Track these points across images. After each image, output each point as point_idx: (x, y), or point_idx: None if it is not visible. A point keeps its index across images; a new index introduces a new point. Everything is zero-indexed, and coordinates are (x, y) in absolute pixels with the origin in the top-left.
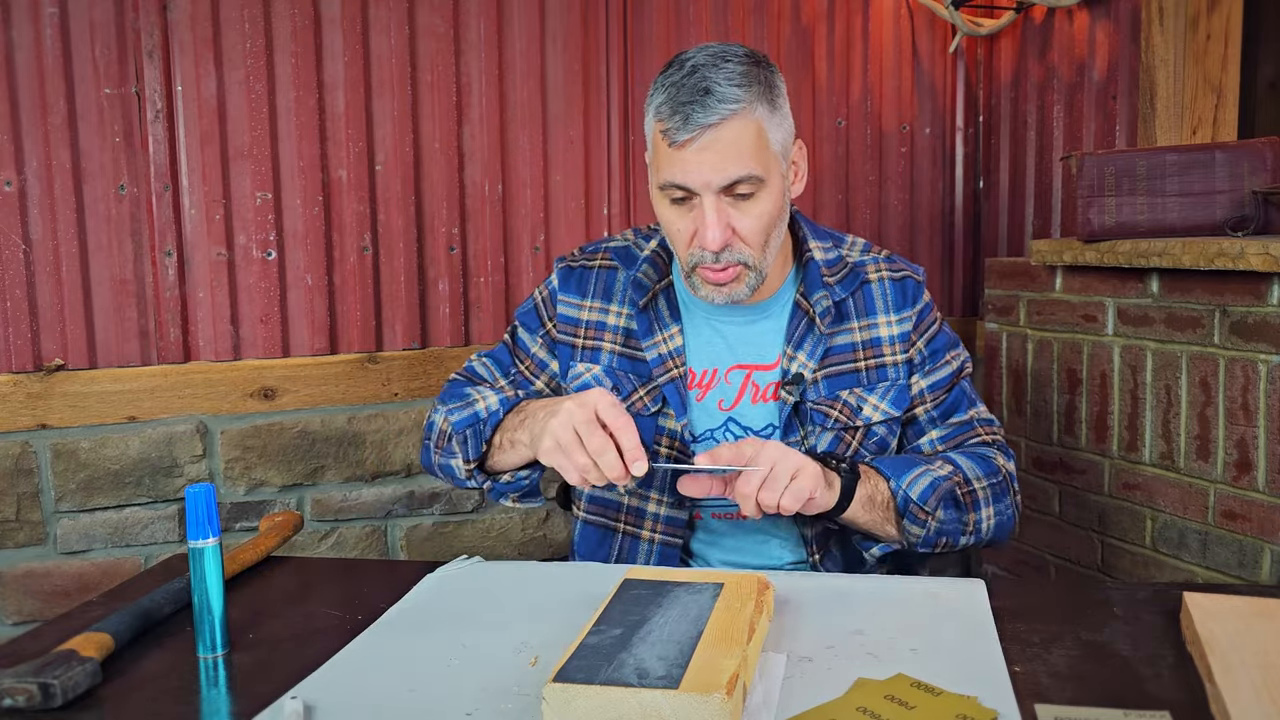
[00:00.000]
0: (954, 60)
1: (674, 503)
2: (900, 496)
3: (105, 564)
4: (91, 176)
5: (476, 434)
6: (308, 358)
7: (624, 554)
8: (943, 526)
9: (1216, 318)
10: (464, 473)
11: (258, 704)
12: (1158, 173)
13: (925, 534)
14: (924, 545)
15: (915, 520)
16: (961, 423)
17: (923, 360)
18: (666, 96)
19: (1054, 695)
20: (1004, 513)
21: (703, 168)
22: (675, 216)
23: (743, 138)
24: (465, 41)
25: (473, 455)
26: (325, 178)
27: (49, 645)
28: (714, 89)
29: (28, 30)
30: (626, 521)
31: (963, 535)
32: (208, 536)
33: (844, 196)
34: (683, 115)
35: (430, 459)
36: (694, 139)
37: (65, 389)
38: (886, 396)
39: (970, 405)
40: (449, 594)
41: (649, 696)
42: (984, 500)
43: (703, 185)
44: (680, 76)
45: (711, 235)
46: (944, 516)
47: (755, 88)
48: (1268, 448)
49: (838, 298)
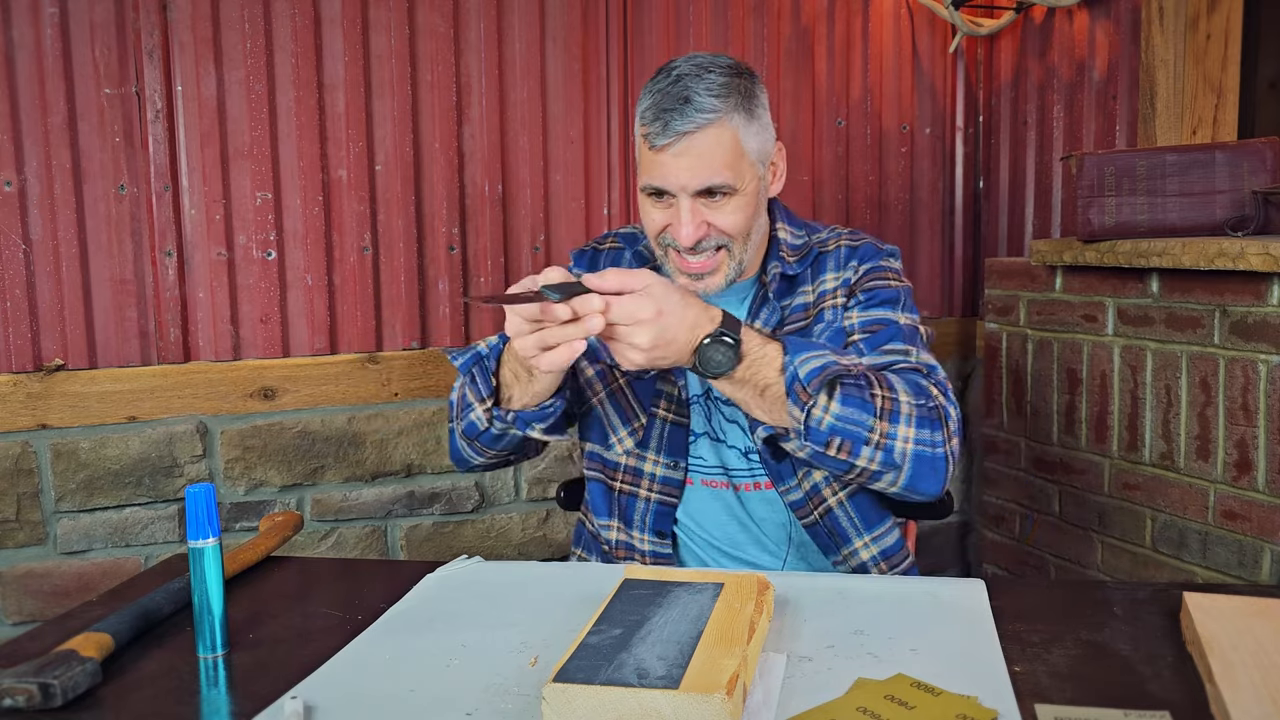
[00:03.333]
0: (954, 60)
1: (670, 464)
2: (789, 373)
3: (105, 564)
4: (91, 176)
5: (483, 370)
6: (308, 358)
7: (623, 510)
8: (839, 424)
9: (1216, 318)
10: (484, 418)
11: (258, 704)
12: (1158, 173)
13: (814, 424)
14: (814, 439)
15: (797, 401)
16: (896, 352)
17: (858, 303)
18: (651, 102)
19: (1054, 695)
20: (929, 445)
21: (679, 173)
22: (654, 211)
23: (717, 146)
24: (465, 41)
25: (485, 391)
26: (325, 178)
27: (49, 645)
28: (693, 98)
29: (28, 30)
30: (624, 480)
31: (867, 445)
32: (208, 536)
33: (844, 196)
34: (663, 121)
35: (456, 444)
36: (671, 144)
37: (65, 389)
38: (823, 337)
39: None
40: (449, 594)
41: (649, 696)
42: (905, 416)
43: (678, 188)
44: (665, 84)
45: (685, 233)
46: (841, 411)
47: (733, 98)
48: (1268, 448)
49: (791, 271)
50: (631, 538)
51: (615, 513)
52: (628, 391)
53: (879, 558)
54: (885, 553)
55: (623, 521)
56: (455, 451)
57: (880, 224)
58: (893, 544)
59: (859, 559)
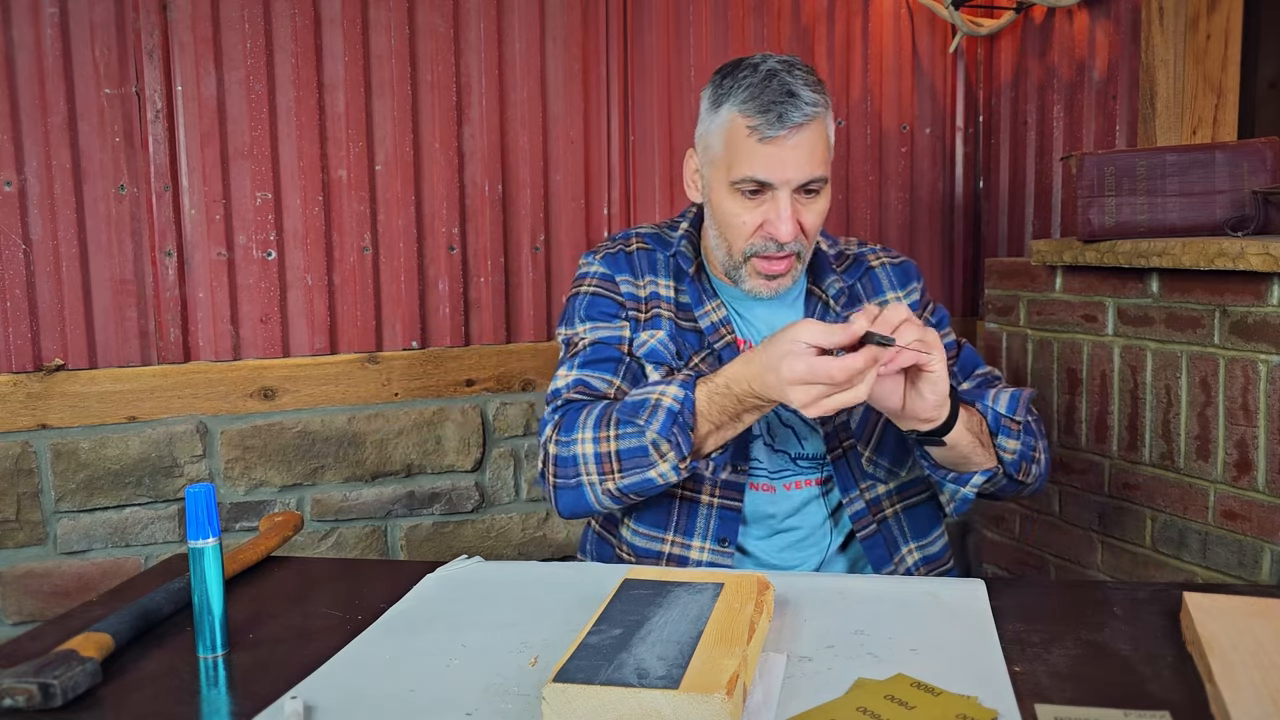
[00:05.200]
0: (954, 60)
1: (732, 468)
2: (990, 414)
3: (105, 564)
4: (91, 176)
5: (682, 426)
6: (308, 358)
7: (682, 520)
8: (1023, 448)
9: (1216, 318)
10: (675, 473)
11: (258, 704)
12: (1158, 173)
13: (1015, 454)
14: (1013, 467)
15: (1009, 433)
16: (985, 374)
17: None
18: (750, 94)
19: (1054, 695)
20: (1047, 451)
21: (788, 165)
22: (742, 210)
23: (820, 140)
24: (465, 41)
25: (686, 450)
26: (325, 178)
27: (49, 645)
28: (797, 92)
29: (28, 30)
30: (685, 487)
31: (1034, 463)
32: (208, 536)
33: (844, 196)
34: (776, 113)
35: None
36: (786, 136)
37: (65, 389)
38: None
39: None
40: (449, 594)
41: (649, 696)
42: (1037, 431)
43: (784, 181)
44: (759, 79)
45: (785, 228)
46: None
47: (825, 97)
48: (1268, 448)
49: (846, 283)
50: (689, 549)
51: (673, 525)
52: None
53: (921, 563)
54: (928, 558)
55: (680, 534)
56: (581, 505)
57: (880, 224)
58: (937, 550)
59: (905, 565)
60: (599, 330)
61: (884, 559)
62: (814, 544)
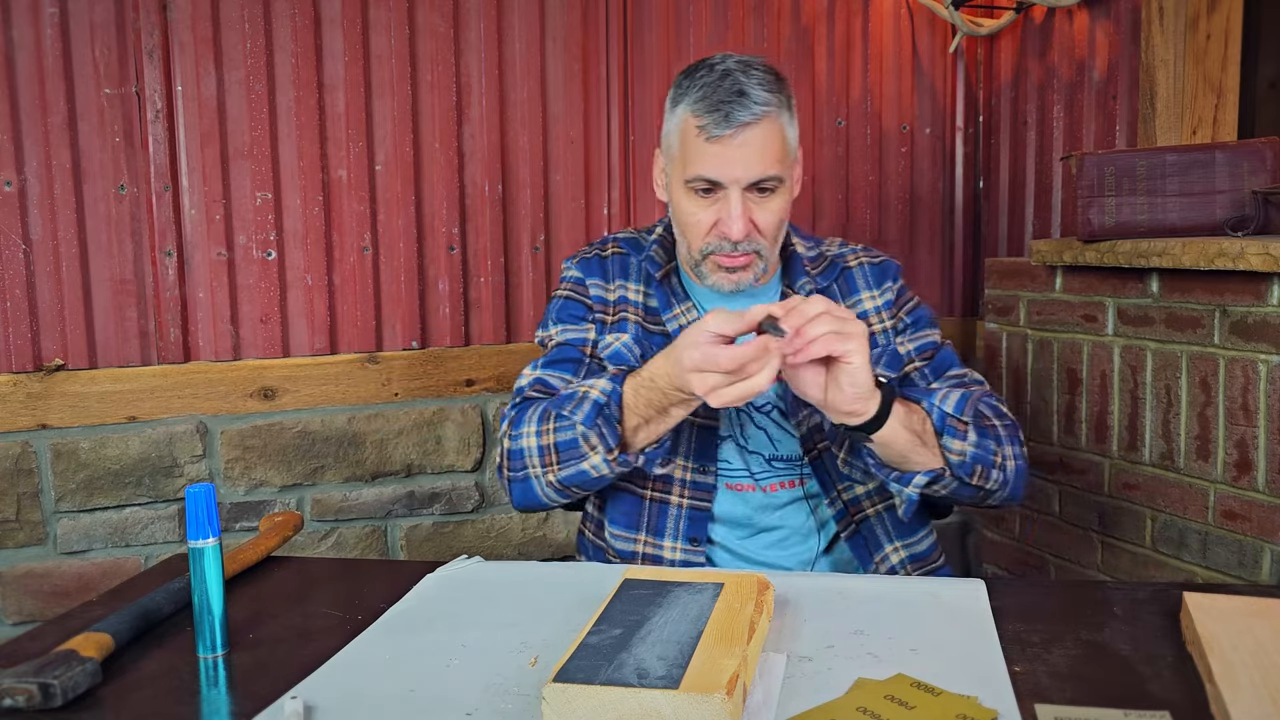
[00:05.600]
0: (954, 60)
1: (699, 469)
2: (936, 413)
3: (105, 564)
4: (91, 176)
5: (607, 418)
6: (308, 358)
7: (653, 520)
8: (977, 452)
9: (1216, 318)
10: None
11: (258, 704)
12: (1158, 173)
13: (964, 456)
14: (962, 471)
15: (955, 433)
16: (957, 376)
17: (905, 326)
18: (702, 94)
19: (1054, 695)
20: (1022, 458)
21: (734, 164)
22: (697, 208)
23: (771, 139)
24: (465, 41)
25: (614, 441)
26: (325, 178)
27: (49, 645)
28: (748, 91)
29: (28, 30)
30: (654, 488)
31: (994, 468)
32: (208, 536)
33: (844, 196)
34: (723, 112)
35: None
36: (732, 135)
37: (65, 389)
38: (879, 362)
39: (961, 366)
40: (449, 594)
41: (649, 696)
42: (1005, 438)
43: (733, 180)
44: (714, 78)
45: (735, 227)
46: (976, 439)
47: (780, 96)
48: (1268, 448)
49: (820, 285)
50: (661, 548)
51: (644, 525)
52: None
53: (908, 561)
54: (914, 557)
55: (651, 534)
56: (530, 498)
57: (880, 224)
58: (924, 549)
59: (889, 564)
60: (567, 332)
61: (866, 558)
62: (798, 544)
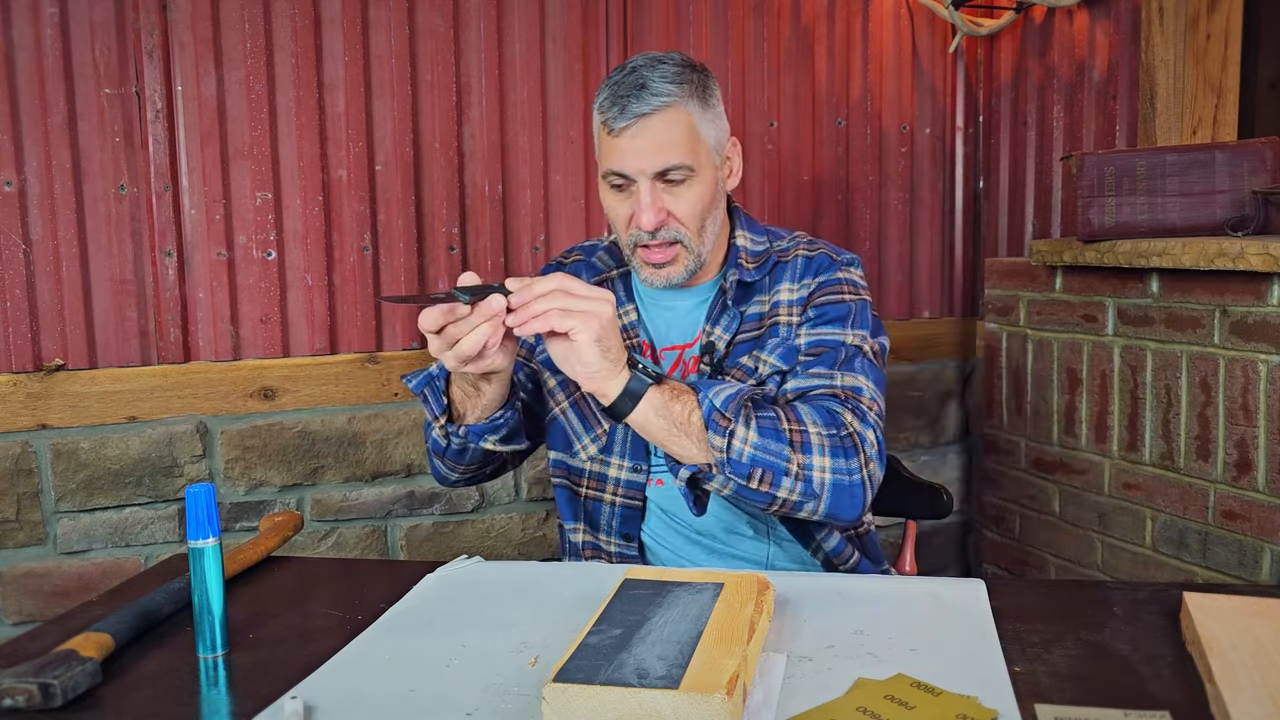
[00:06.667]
0: (954, 60)
1: (633, 468)
2: (705, 405)
3: (105, 564)
4: (91, 176)
5: (434, 389)
6: (308, 358)
7: (590, 515)
8: (758, 454)
9: (1216, 318)
10: (440, 433)
11: (258, 704)
12: (1158, 173)
13: (735, 456)
14: (736, 471)
15: (716, 429)
16: (819, 376)
17: (808, 320)
18: (609, 92)
19: (1054, 695)
20: (845, 474)
21: (636, 155)
22: (616, 203)
23: (674, 128)
24: (465, 41)
25: (437, 409)
26: (325, 178)
27: (49, 645)
28: (649, 84)
29: (28, 30)
30: (589, 486)
31: (786, 475)
32: (208, 536)
33: (844, 196)
34: (620, 106)
35: (432, 463)
36: (629, 127)
37: (65, 389)
38: (775, 352)
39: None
40: (449, 594)
41: (649, 696)
42: (818, 448)
43: (637, 171)
44: (621, 75)
45: (646, 217)
46: (759, 441)
47: (687, 86)
48: (1268, 448)
49: (749, 278)
50: (598, 540)
51: (581, 517)
52: (590, 401)
53: (831, 555)
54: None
55: (589, 525)
56: (434, 470)
57: (880, 224)
58: (834, 547)
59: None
60: None
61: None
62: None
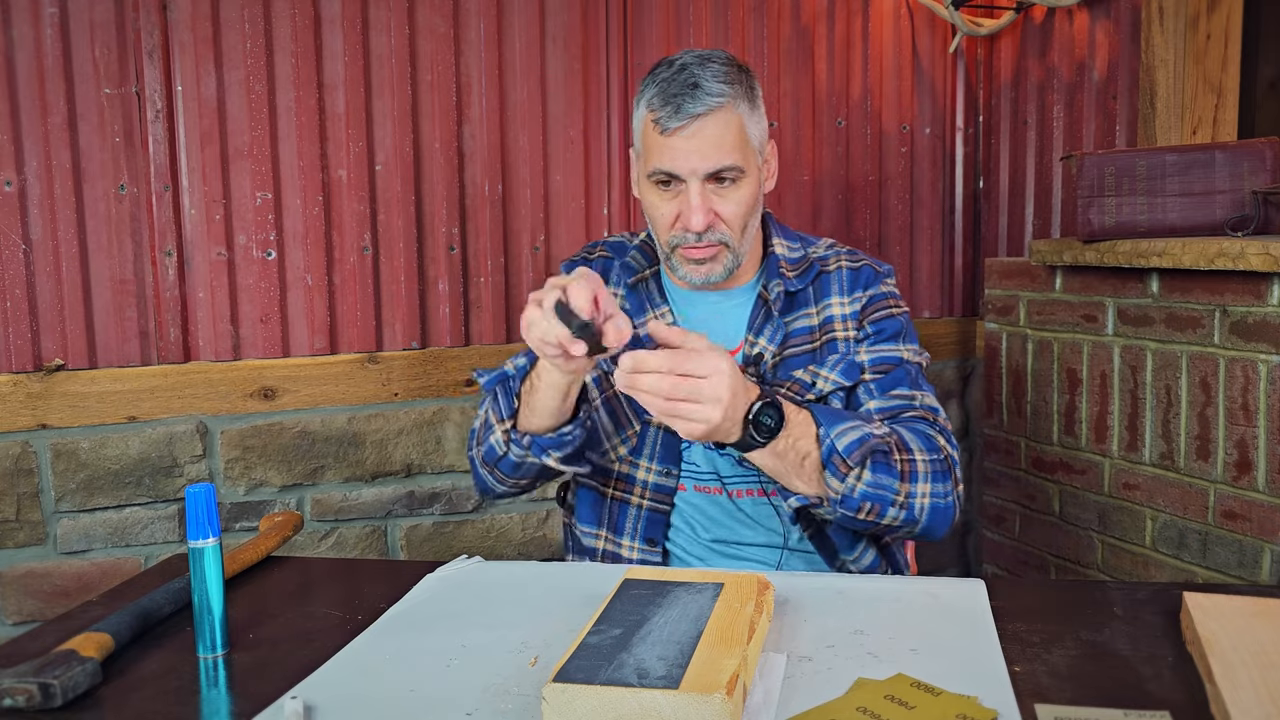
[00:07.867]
0: (954, 60)
1: (663, 471)
2: (826, 445)
3: (105, 564)
4: (91, 176)
5: (506, 389)
6: (308, 358)
7: (613, 518)
8: (870, 490)
9: (1216, 318)
10: (502, 440)
11: (258, 704)
12: (1158, 173)
13: (847, 492)
14: (846, 506)
15: (836, 473)
16: (902, 397)
17: (867, 336)
18: (658, 90)
19: (1054, 695)
20: (942, 496)
21: (690, 156)
22: (660, 201)
23: (726, 130)
24: (465, 41)
25: (506, 411)
26: (325, 178)
27: (49, 645)
28: (701, 84)
29: (28, 30)
30: (617, 487)
31: (893, 506)
32: (208, 536)
33: (844, 196)
34: (674, 105)
35: (478, 472)
36: (683, 127)
37: (65, 389)
38: (837, 368)
39: (914, 387)
40: (449, 594)
41: (649, 696)
42: (923, 474)
43: (689, 172)
44: (670, 73)
45: (696, 219)
46: (871, 479)
47: (737, 86)
48: (1268, 448)
49: (793, 287)
50: (620, 546)
51: (604, 521)
52: (622, 399)
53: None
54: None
55: (611, 530)
56: (478, 479)
57: (880, 224)
58: (869, 564)
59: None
60: None
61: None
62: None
